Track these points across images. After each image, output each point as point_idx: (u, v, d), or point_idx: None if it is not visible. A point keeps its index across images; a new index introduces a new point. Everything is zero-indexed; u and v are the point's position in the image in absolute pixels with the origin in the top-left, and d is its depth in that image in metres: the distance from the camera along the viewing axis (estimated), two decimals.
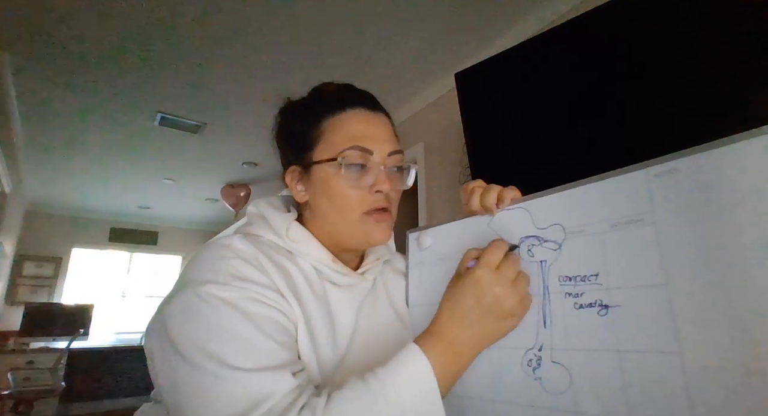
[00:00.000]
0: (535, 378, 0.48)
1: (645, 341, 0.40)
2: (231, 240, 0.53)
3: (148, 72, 2.20)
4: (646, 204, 0.43)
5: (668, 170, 0.42)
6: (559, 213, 0.50)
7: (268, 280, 0.51)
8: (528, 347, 0.50)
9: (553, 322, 0.48)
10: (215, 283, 0.47)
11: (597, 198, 0.47)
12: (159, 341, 0.47)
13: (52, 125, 2.82)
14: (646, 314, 0.41)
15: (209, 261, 0.50)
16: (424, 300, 0.64)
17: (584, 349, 0.45)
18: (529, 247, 0.52)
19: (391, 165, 0.59)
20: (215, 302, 0.46)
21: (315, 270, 0.58)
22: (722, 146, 0.39)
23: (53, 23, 1.81)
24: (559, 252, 0.49)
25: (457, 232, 0.62)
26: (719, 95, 0.94)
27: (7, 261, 4.19)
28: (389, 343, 0.60)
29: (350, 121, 0.58)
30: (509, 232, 0.55)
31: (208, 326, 0.45)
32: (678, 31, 1.01)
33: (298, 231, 0.59)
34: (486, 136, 1.51)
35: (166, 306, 0.48)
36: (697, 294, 0.38)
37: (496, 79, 1.45)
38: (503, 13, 1.72)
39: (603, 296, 0.44)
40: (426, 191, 2.26)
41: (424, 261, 0.66)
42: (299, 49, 1.98)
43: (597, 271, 0.45)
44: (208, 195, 4.52)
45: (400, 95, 2.38)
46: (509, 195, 0.57)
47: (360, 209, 0.57)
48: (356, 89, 0.63)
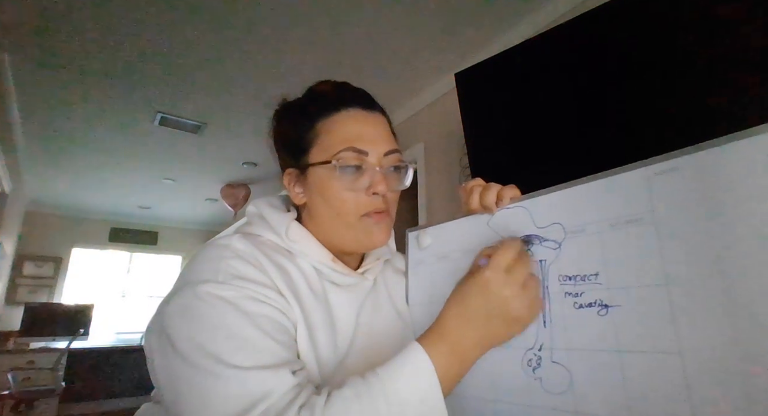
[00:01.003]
0: (535, 378, 0.48)
1: (645, 341, 0.40)
2: (230, 240, 0.53)
3: (149, 72, 2.20)
4: (647, 203, 0.42)
5: (669, 169, 0.41)
6: (559, 212, 0.50)
7: (267, 279, 0.50)
8: (528, 347, 0.49)
9: (553, 322, 0.48)
10: (214, 282, 0.47)
11: (597, 197, 0.47)
12: (158, 341, 0.47)
13: (52, 125, 2.82)
14: (646, 314, 0.40)
15: (208, 261, 0.50)
16: (424, 299, 0.64)
17: (584, 349, 0.44)
18: (529, 246, 0.52)
19: (388, 165, 0.58)
20: (214, 301, 0.45)
21: (315, 270, 0.58)
22: (723, 144, 0.38)
23: (53, 23, 1.80)
24: (559, 252, 0.49)
25: (457, 231, 0.62)
26: (718, 94, 0.94)
27: (7, 261, 4.19)
28: (390, 343, 0.60)
29: (344, 122, 0.57)
30: (509, 231, 0.55)
31: (206, 325, 0.44)
32: (678, 32, 1.01)
33: (297, 231, 0.59)
34: (486, 136, 1.51)
35: (165, 306, 0.48)
36: (698, 295, 0.38)
37: (496, 79, 1.45)
38: (503, 13, 1.72)
39: (603, 296, 0.44)
40: (426, 191, 2.26)
41: (424, 260, 0.66)
42: (299, 49, 1.98)
43: (597, 271, 0.45)
44: (208, 195, 4.52)
45: (400, 95, 2.38)
46: (509, 193, 0.56)
47: (357, 212, 0.56)
48: (352, 88, 0.62)
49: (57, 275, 5.07)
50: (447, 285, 0.59)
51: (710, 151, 0.39)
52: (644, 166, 0.43)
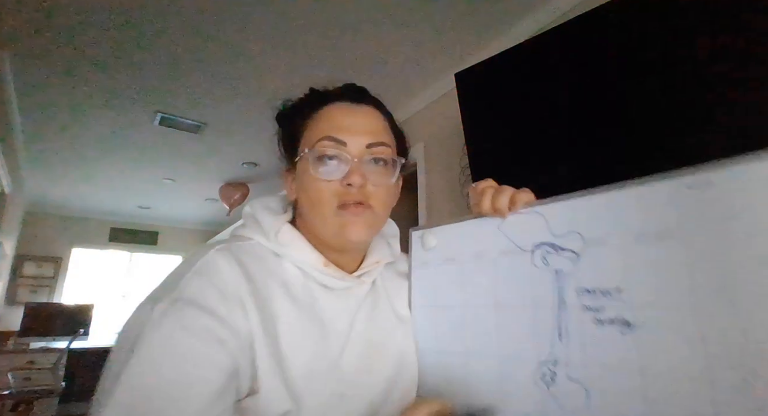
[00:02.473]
0: (550, 393, 0.46)
1: (672, 365, 0.38)
2: (206, 252, 0.50)
3: (148, 72, 2.20)
4: (676, 217, 0.39)
5: (702, 182, 0.38)
6: (577, 220, 0.47)
7: (221, 305, 0.45)
8: (541, 360, 0.47)
9: (570, 336, 0.45)
10: (165, 302, 0.44)
11: (621, 207, 0.44)
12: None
13: (52, 125, 2.82)
14: (674, 337, 0.38)
15: (172, 275, 0.48)
16: (428, 302, 0.62)
17: (604, 368, 0.42)
18: (544, 255, 0.49)
19: (370, 157, 0.55)
20: (151, 335, 0.42)
21: (303, 274, 0.56)
22: (765, 158, 0.35)
23: (53, 23, 1.80)
24: (578, 262, 0.46)
25: (465, 233, 0.59)
26: (720, 97, 0.93)
27: (7, 261, 4.19)
28: (389, 352, 0.58)
29: (329, 115, 0.57)
30: (521, 237, 0.52)
31: (118, 373, 0.40)
32: (680, 32, 1.01)
33: (288, 233, 0.57)
34: (486, 136, 1.51)
35: (134, 311, 0.46)
36: (730, 320, 0.35)
37: (496, 79, 1.45)
38: (503, 13, 1.72)
39: (626, 313, 0.41)
40: (426, 191, 2.26)
41: (428, 262, 0.64)
42: (299, 49, 1.98)
43: (619, 286, 0.42)
44: (208, 195, 4.52)
45: (400, 95, 2.38)
46: (523, 198, 0.53)
47: (332, 202, 0.53)
48: (347, 85, 0.60)
49: (57, 275, 5.08)
50: (453, 290, 0.58)
51: (750, 165, 0.36)
52: (674, 177, 0.40)
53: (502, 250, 0.54)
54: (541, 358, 0.47)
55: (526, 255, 0.51)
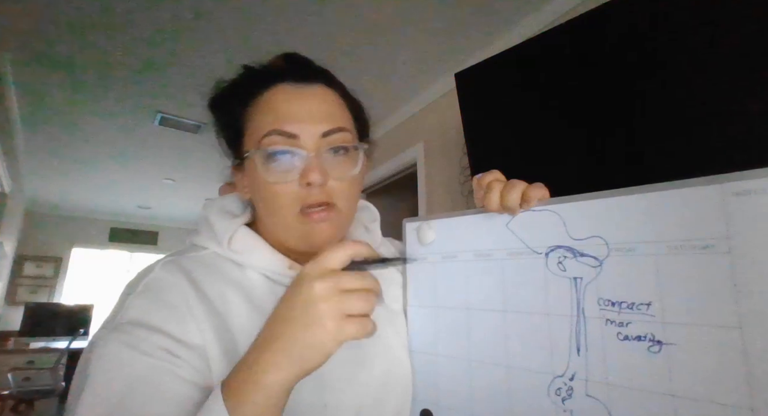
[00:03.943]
0: (564, 410, 0.42)
1: (708, 390, 0.34)
2: (153, 268, 0.46)
3: (148, 72, 2.19)
4: (721, 228, 0.35)
5: (752, 190, 0.34)
6: (601, 223, 0.42)
7: (170, 324, 0.43)
8: (556, 374, 0.43)
9: (589, 350, 0.41)
10: (112, 329, 0.42)
11: (653, 212, 0.39)
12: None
13: (52, 125, 2.82)
14: (712, 359, 0.34)
15: (121, 295, 0.46)
16: (425, 302, 0.58)
17: (628, 387, 0.38)
18: (560, 259, 0.45)
19: (327, 147, 0.48)
20: (108, 358, 0.40)
21: (268, 281, 0.50)
22: None
23: (53, 23, 1.80)
24: (600, 271, 0.42)
25: (468, 228, 0.53)
26: (721, 96, 0.93)
27: (7, 261, 4.19)
28: (377, 351, 0.52)
29: (273, 101, 0.49)
30: (534, 238, 0.47)
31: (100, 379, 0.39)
32: (681, 32, 1.01)
33: (243, 239, 0.51)
34: (486, 136, 1.51)
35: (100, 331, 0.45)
36: None
37: (496, 79, 1.45)
38: (504, 13, 1.72)
39: (656, 330, 0.38)
40: (426, 191, 2.26)
41: (425, 257, 0.59)
42: (299, 48, 1.97)
43: (649, 300, 0.39)
44: (208, 195, 4.48)
45: (400, 95, 2.38)
46: (537, 194, 0.46)
47: (293, 207, 0.47)
48: (289, 59, 0.53)
49: (57, 275, 5.08)
50: (454, 290, 0.54)
51: None
52: (719, 182, 0.36)
53: (511, 251, 0.49)
54: (557, 372, 0.43)
55: (539, 258, 0.46)
